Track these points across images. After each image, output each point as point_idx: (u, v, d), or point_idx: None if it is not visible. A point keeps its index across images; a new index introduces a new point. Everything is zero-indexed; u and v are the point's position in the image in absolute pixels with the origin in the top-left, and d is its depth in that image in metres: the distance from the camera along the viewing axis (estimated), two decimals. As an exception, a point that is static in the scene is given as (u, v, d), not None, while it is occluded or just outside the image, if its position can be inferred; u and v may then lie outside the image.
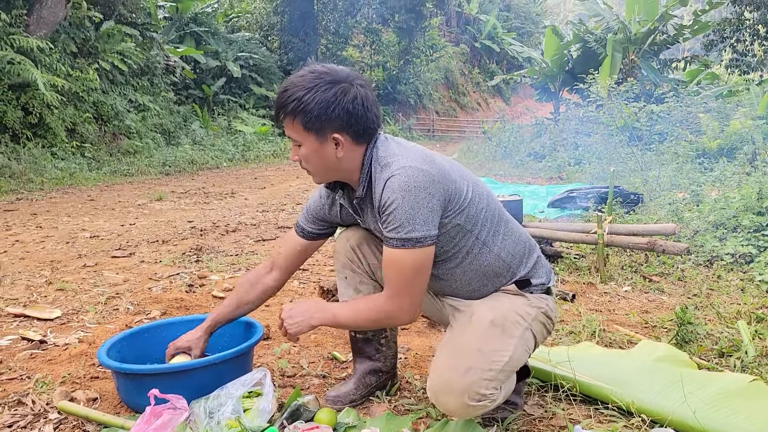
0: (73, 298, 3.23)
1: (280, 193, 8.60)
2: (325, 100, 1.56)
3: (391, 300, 1.62)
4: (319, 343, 2.61)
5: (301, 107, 1.56)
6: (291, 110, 1.58)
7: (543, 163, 11.76)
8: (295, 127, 1.60)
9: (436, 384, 1.62)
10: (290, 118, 1.59)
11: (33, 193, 8.14)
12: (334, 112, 1.56)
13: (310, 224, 1.91)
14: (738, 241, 4.11)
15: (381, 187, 1.58)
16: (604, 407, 1.93)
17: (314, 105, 1.56)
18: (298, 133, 1.61)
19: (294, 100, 1.57)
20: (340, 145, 1.61)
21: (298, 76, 1.61)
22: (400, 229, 1.53)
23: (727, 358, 2.38)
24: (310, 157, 1.64)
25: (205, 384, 1.83)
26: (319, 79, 1.57)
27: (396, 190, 1.53)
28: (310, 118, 1.57)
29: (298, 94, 1.57)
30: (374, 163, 1.65)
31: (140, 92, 13.40)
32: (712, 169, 7.28)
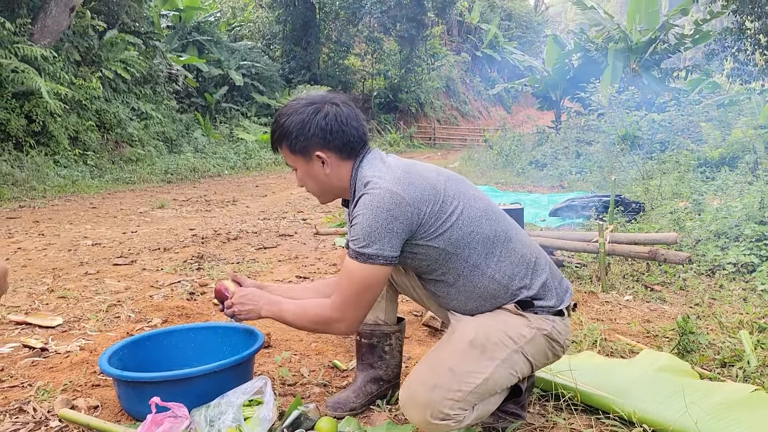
0: (75, 305, 3.24)
1: (281, 201, 8.62)
2: (300, 120, 1.69)
3: (335, 309, 1.68)
4: (320, 351, 2.61)
5: (284, 132, 1.70)
6: (277, 137, 1.72)
7: (544, 171, 11.76)
8: (285, 153, 1.73)
9: (404, 395, 1.66)
10: (279, 144, 1.73)
11: (35, 201, 8.16)
12: (310, 131, 1.68)
13: None
14: (740, 250, 4.10)
15: (355, 202, 1.67)
16: (606, 417, 1.92)
17: (292, 127, 1.68)
18: (289, 158, 1.74)
19: (278, 127, 1.71)
20: (325, 163, 1.70)
21: (293, 107, 1.73)
22: (357, 242, 1.60)
23: (729, 368, 2.38)
24: (305, 179, 1.77)
25: (206, 392, 1.83)
26: (296, 103, 1.72)
27: (362, 207, 1.60)
28: (291, 140, 1.69)
29: (279, 120, 1.71)
30: (358, 182, 1.71)
31: (143, 100, 13.45)
32: (713, 178, 7.28)
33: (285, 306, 1.80)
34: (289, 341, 2.73)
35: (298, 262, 4.52)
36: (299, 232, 5.90)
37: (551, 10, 52.90)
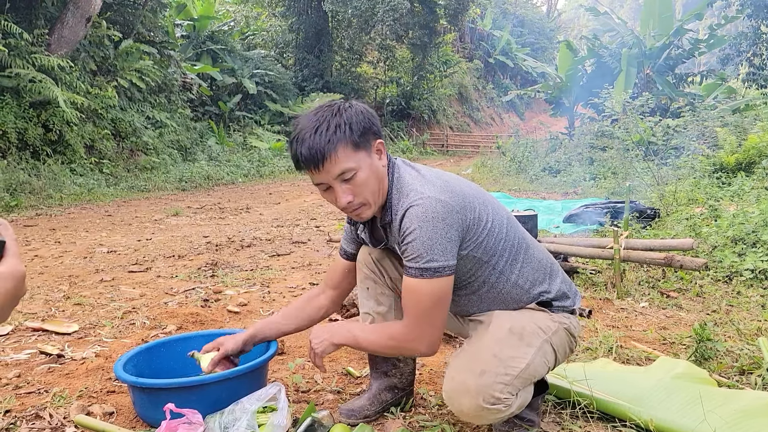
0: (91, 312, 3.26)
1: (294, 209, 8.65)
2: (358, 111, 1.59)
3: (410, 328, 1.61)
4: (333, 358, 2.61)
5: (345, 128, 1.54)
6: (336, 139, 1.53)
7: (558, 177, 11.71)
8: (345, 155, 1.55)
9: (451, 385, 1.63)
10: (334, 152, 1.53)
11: (52, 209, 8.25)
12: (370, 119, 1.61)
13: (349, 245, 1.98)
14: (757, 256, 4.05)
15: (400, 215, 1.60)
16: (622, 425, 1.90)
17: (354, 118, 1.57)
18: (349, 159, 1.55)
19: (334, 127, 1.54)
20: (381, 153, 1.65)
21: (310, 119, 1.58)
22: (419, 259, 1.54)
23: (747, 375, 2.34)
24: (370, 179, 1.60)
25: (221, 398, 1.83)
26: (329, 106, 1.60)
27: (414, 220, 1.54)
28: (359, 132, 1.56)
29: (333, 121, 1.54)
30: (394, 188, 1.67)
31: (157, 109, 13.58)
32: (729, 183, 7.20)
33: (358, 332, 1.74)
34: (302, 348, 2.73)
35: (311, 269, 4.53)
36: (312, 240, 5.92)
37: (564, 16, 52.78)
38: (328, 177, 1.57)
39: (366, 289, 1.97)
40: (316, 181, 1.61)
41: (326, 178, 1.58)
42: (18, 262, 0.96)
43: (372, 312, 1.97)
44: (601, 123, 11.90)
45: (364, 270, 1.96)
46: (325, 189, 1.62)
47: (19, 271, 0.95)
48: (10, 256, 0.96)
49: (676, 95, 14.60)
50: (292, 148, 1.60)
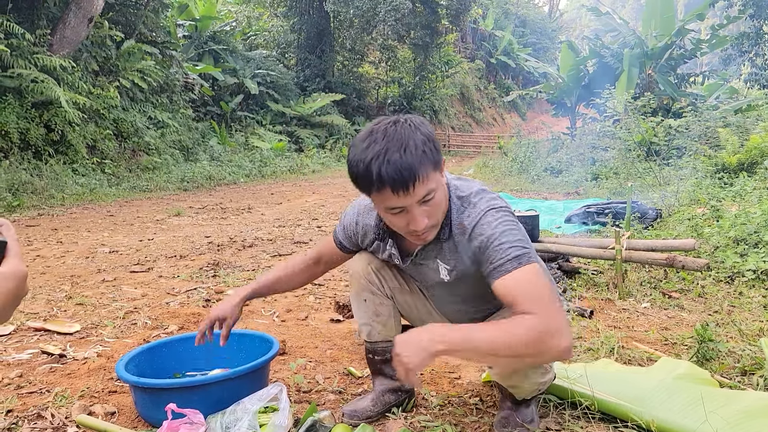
0: (93, 312, 3.27)
1: (296, 209, 8.65)
2: (428, 125, 1.51)
3: (547, 317, 1.38)
4: (335, 358, 2.61)
5: (430, 145, 1.46)
6: (426, 159, 1.44)
7: (560, 178, 11.71)
8: (428, 177, 1.45)
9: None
10: (425, 172, 1.43)
11: (54, 209, 8.27)
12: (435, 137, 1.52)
13: (349, 242, 1.95)
14: (760, 257, 4.04)
15: (471, 228, 1.58)
16: (623, 425, 1.90)
17: (431, 134, 1.49)
18: (432, 181, 1.47)
19: (422, 144, 1.44)
20: (443, 170, 1.57)
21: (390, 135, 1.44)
22: (512, 251, 1.49)
23: (749, 376, 2.34)
24: (442, 200, 1.55)
25: (222, 399, 1.84)
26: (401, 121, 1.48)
27: (490, 228, 1.54)
28: (438, 149, 1.48)
29: (418, 138, 1.44)
30: (452, 198, 1.64)
31: (159, 109, 13.60)
32: (732, 184, 7.19)
33: (472, 332, 1.37)
34: (304, 348, 2.73)
35: (312, 270, 4.53)
36: (314, 240, 5.92)
37: (566, 16, 52.75)
38: (411, 200, 1.45)
39: (363, 301, 1.95)
40: (394, 204, 1.46)
41: (408, 201, 1.45)
42: (19, 263, 0.97)
43: (371, 322, 1.97)
44: (603, 123, 11.89)
45: (361, 281, 1.94)
46: (397, 212, 1.49)
47: (21, 271, 0.96)
48: (11, 257, 0.97)
49: (678, 95, 14.59)
50: (370, 168, 1.42)
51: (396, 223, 1.54)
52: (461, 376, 2.43)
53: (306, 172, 15.66)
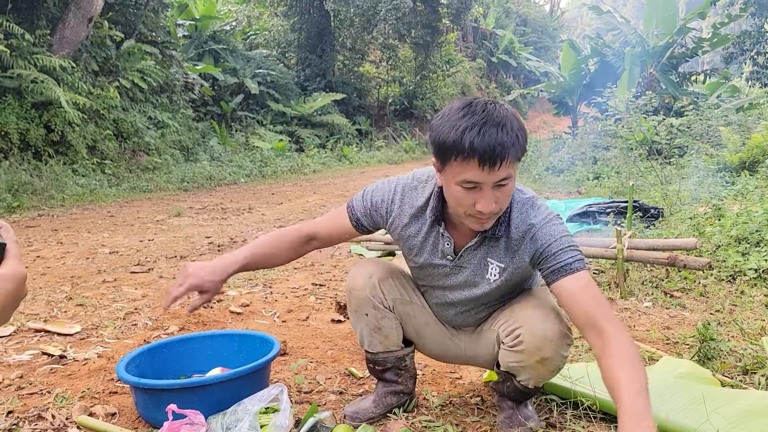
0: (93, 313, 3.27)
1: (297, 209, 8.65)
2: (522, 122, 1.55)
3: (618, 327, 1.52)
4: (335, 359, 2.61)
5: (523, 133, 1.51)
6: (518, 143, 1.48)
7: (561, 177, 11.69)
8: (512, 163, 1.49)
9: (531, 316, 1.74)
10: (513, 155, 1.47)
11: (54, 210, 8.26)
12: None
13: (367, 220, 1.85)
14: (761, 255, 4.04)
15: (536, 228, 1.66)
16: (626, 425, 1.89)
17: (524, 127, 1.53)
18: (513, 167, 1.51)
19: (518, 129, 1.48)
20: None
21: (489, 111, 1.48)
22: (573, 254, 1.62)
23: (751, 375, 2.33)
24: (512, 192, 1.59)
25: (223, 399, 1.83)
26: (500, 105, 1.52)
27: (558, 232, 1.65)
28: (525, 146, 1.52)
29: (515, 123, 1.49)
30: (515, 197, 1.69)
31: (159, 109, 13.58)
32: (733, 182, 7.19)
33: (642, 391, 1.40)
34: (304, 349, 2.73)
35: (314, 270, 4.53)
36: (315, 239, 5.91)
37: (567, 15, 52.72)
38: (490, 178, 1.48)
39: (365, 315, 1.91)
40: (473, 178, 1.48)
41: (488, 179, 1.48)
42: (19, 264, 0.96)
43: (372, 334, 1.94)
44: (605, 122, 11.88)
45: (362, 295, 1.88)
46: (470, 188, 1.51)
47: (20, 272, 0.95)
48: (10, 258, 0.96)
49: (680, 94, 14.57)
50: (464, 137, 1.44)
51: (463, 200, 1.54)
52: (462, 376, 2.42)
53: (307, 172, 15.64)
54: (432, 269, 1.82)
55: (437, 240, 1.77)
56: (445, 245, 1.75)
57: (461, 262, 1.77)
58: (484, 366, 2.00)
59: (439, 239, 1.76)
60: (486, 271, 1.75)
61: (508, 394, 1.88)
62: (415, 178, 1.81)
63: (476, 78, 33.82)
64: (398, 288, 1.92)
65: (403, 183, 1.82)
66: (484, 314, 1.88)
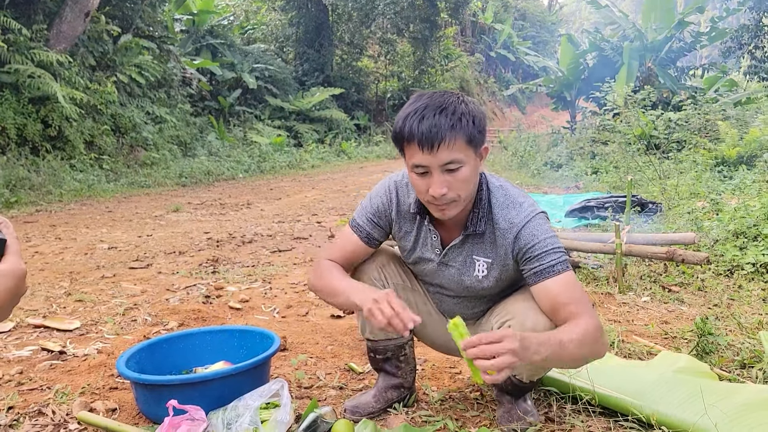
0: (92, 309, 3.27)
1: (295, 204, 8.64)
2: (479, 109, 1.58)
3: (593, 318, 1.59)
4: (335, 354, 2.61)
5: (470, 119, 1.53)
6: (460, 126, 1.51)
7: (560, 172, 11.69)
8: (457, 146, 1.52)
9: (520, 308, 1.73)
10: (453, 138, 1.51)
11: (52, 205, 8.25)
12: (485, 121, 1.60)
13: (375, 230, 1.85)
14: (759, 250, 4.04)
15: (519, 226, 1.66)
16: (624, 419, 1.90)
17: (478, 114, 1.56)
18: (460, 152, 1.54)
19: (460, 114, 1.52)
20: (482, 159, 1.65)
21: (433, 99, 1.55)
22: (555, 256, 1.63)
23: (749, 369, 2.34)
24: (470, 179, 1.60)
25: (223, 395, 1.84)
26: (452, 94, 1.58)
27: (541, 232, 1.66)
28: (478, 129, 1.55)
29: (460, 108, 1.53)
30: (494, 197, 1.72)
31: (157, 104, 13.54)
32: (731, 177, 7.20)
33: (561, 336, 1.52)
34: (304, 344, 2.73)
35: (312, 265, 4.52)
36: (314, 235, 5.92)
37: (565, 9, 52.58)
38: (434, 161, 1.53)
39: None
40: (419, 162, 1.55)
41: (432, 162, 1.53)
42: (19, 260, 0.96)
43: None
44: (603, 117, 11.87)
45: (366, 277, 1.89)
46: (421, 172, 1.57)
47: (20, 269, 0.95)
48: (10, 254, 0.96)
49: (678, 88, 14.56)
50: (405, 123, 1.54)
51: (419, 185, 1.60)
52: (462, 371, 2.43)
53: (305, 167, 15.62)
54: (424, 265, 1.86)
55: (426, 234, 1.81)
56: (432, 238, 1.79)
57: (447, 260, 1.81)
58: None
59: (428, 233, 1.80)
60: (473, 269, 1.78)
61: (506, 389, 1.89)
62: (405, 175, 1.83)
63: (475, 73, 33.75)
64: (400, 274, 1.93)
65: (395, 181, 1.85)
66: (482, 308, 1.89)
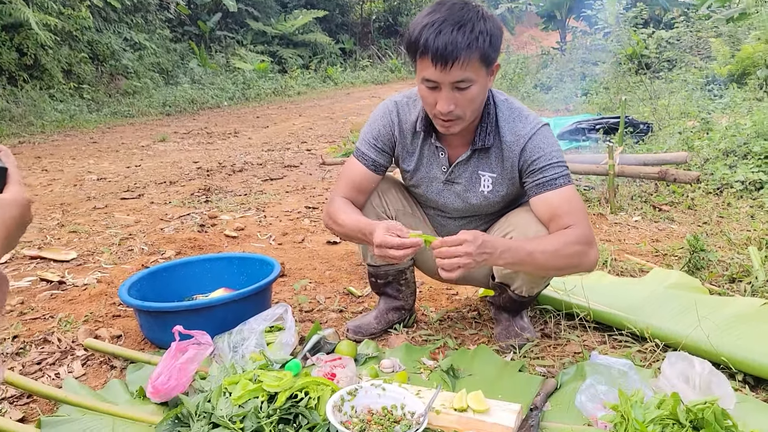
0: (87, 239, 3.26)
1: (283, 132, 8.52)
2: (498, 25, 1.52)
3: (585, 231, 1.60)
4: (334, 279, 2.65)
5: (487, 38, 1.47)
6: (476, 46, 1.45)
7: (550, 94, 11.54)
8: (471, 66, 1.47)
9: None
10: (468, 57, 1.45)
11: (35, 137, 8.07)
12: (502, 38, 1.54)
13: (381, 156, 1.82)
14: (748, 168, 4.08)
15: (526, 138, 1.66)
16: (618, 333, 1.96)
17: (495, 32, 1.50)
18: (473, 71, 1.49)
19: (478, 33, 1.45)
20: (493, 76, 1.60)
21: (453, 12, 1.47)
22: (559, 170, 1.65)
23: (737, 283, 2.41)
24: (478, 97, 1.56)
25: (227, 320, 1.87)
26: (474, 7, 1.50)
27: (547, 144, 1.66)
28: (494, 48, 1.50)
29: (478, 26, 1.46)
30: (500, 111, 1.70)
31: (135, 30, 13.04)
32: (722, 96, 7.15)
33: (531, 247, 1.54)
34: (302, 270, 2.76)
35: (305, 193, 4.52)
36: (305, 163, 5.87)
37: None
38: (446, 78, 1.49)
39: None
40: (430, 77, 1.50)
41: (443, 79, 1.49)
42: (22, 189, 0.94)
43: None
44: (594, 36, 11.63)
45: (367, 205, 1.86)
46: (431, 87, 1.53)
47: (24, 197, 0.94)
48: (13, 183, 0.94)
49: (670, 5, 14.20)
50: (421, 34, 1.47)
51: (427, 99, 1.57)
52: (458, 292, 2.48)
53: (291, 93, 15.30)
54: (428, 185, 1.84)
55: (432, 152, 1.79)
56: (440, 155, 1.78)
57: (453, 177, 1.79)
58: (480, 284, 2.04)
59: (434, 150, 1.79)
60: (479, 184, 1.77)
61: (504, 306, 1.93)
62: (405, 95, 1.81)
63: (462, -8, 32.67)
64: (401, 200, 1.93)
65: (395, 101, 1.82)
66: (482, 228, 1.90)
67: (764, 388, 1.66)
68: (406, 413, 1.46)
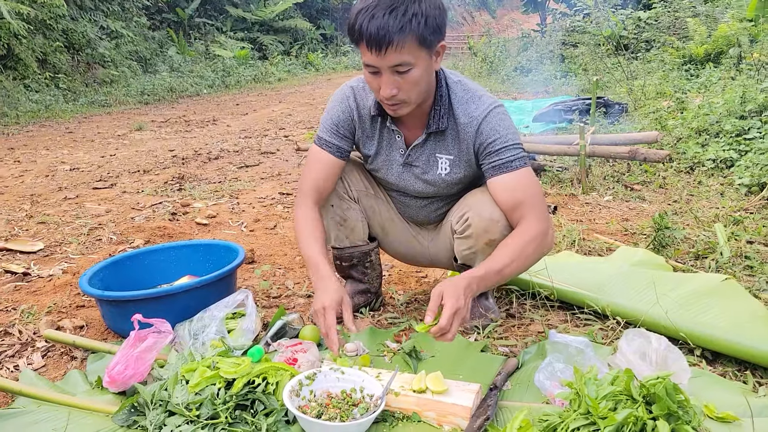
0: (56, 230, 3.22)
1: (262, 119, 8.45)
2: (436, 4, 1.48)
3: (541, 219, 1.61)
4: (303, 264, 2.64)
5: (421, 20, 1.44)
6: (409, 29, 1.43)
7: (529, 77, 11.55)
8: (407, 49, 1.46)
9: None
10: (401, 41, 1.44)
11: (9, 128, 7.94)
12: (444, 17, 1.51)
13: (343, 141, 1.81)
14: (719, 146, 4.11)
15: (479, 119, 1.65)
16: (581, 312, 1.98)
17: (431, 12, 1.46)
18: (411, 54, 1.47)
19: (411, 15, 1.43)
20: (440, 56, 1.58)
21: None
22: (515, 152, 1.64)
23: (702, 260, 2.44)
24: (421, 80, 1.54)
25: (189, 307, 1.85)
26: None
27: (502, 126, 1.65)
28: (431, 29, 1.47)
29: (411, 8, 1.43)
30: (453, 93, 1.69)
31: (111, 18, 12.83)
32: (698, 75, 7.19)
33: (498, 265, 1.54)
34: (273, 256, 2.75)
35: (281, 179, 4.49)
36: (281, 149, 5.83)
37: None
38: (382, 63, 1.49)
39: (331, 207, 1.90)
40: (369, 62, 1.51)
41: (380, 63, 1.49)
42: None
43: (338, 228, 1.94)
44: (573, 18, 11.62)
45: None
46: (372, 72, 1.53)
47: None
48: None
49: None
50: (356, 20, 1.46)
51: (372, 84, 1.58)
52: (427, 275, 2.48)
53: (271, 80, 15.17)
54: (388, 168, 1.84)
55: (390, 135, 1.79)
56: (396, 138, 1.78)
57: (411, 159, 1.79)
58: (446, 265, 2.05)
59: (391, 134, 1.79)
60: (436, 167, 1.77)
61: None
62: (361, 80, 1.79)
63: (443, -25, 32.45)
64: (363, 181, 1.93)
65: (351, 86, 1.81)
66: (444, 210, 1.90)
67: (722, 363, 1.68)
68: (365, 396, 1.46)
